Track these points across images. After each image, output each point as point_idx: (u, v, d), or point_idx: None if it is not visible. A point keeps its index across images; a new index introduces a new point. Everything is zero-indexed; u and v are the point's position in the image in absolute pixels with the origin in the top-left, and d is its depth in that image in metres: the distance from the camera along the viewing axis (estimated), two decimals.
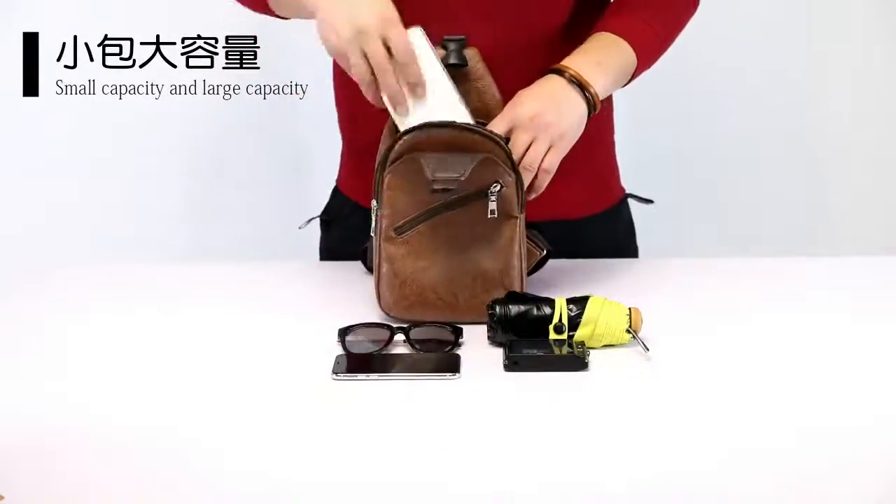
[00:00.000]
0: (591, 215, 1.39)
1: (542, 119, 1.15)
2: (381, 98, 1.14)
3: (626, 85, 1.28)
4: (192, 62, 2.10)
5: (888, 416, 0.94)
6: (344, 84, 1.39)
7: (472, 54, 1.17)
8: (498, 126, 1.15)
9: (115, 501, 0.82)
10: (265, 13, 1.29)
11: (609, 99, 1.41)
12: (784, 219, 2.22)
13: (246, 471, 0.86)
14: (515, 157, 1.14)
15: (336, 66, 1.41)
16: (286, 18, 1.28)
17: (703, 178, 2.18)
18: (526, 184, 1.15)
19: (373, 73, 1.12)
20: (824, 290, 1.28)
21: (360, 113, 1.35)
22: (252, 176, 2.20)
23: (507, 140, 1.15)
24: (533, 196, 1.17)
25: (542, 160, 1.16)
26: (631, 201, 1.45)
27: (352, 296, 1.24)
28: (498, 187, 1.12)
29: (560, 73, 1.19)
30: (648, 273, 1.33)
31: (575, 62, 1.20)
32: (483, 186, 1.12)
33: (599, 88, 1.20)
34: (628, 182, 1.47)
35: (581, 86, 1.19)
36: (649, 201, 1.42)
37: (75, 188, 2.15)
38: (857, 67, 2.14)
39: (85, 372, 1.06)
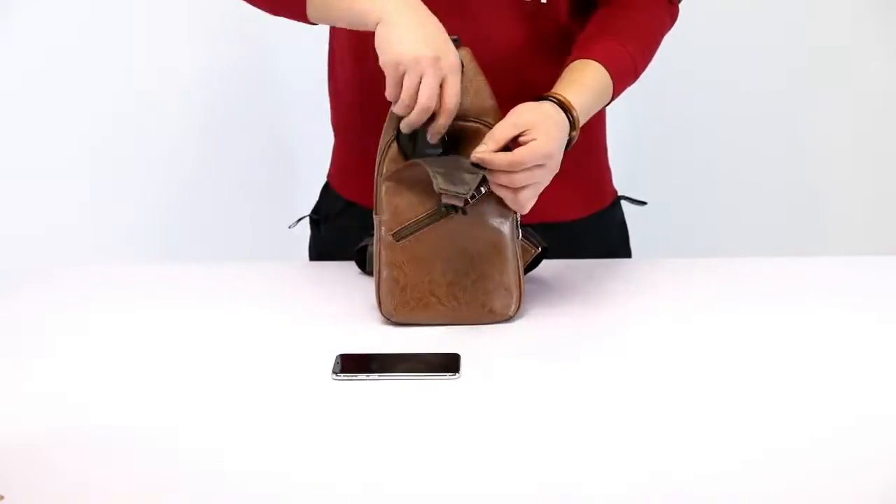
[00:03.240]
0: (583, 217, 1.40)
1: (551, 152, 1.13)
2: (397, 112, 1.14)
3: (603, 108, 1.27)
4: (190, 62, 2.12)
5: (888, 417, 0.95)
6: (340, 77, 1.39)
7: (463, 54, 1.17)
8: (504, 131, 1.12)
9: (115, 501, 0.83)
10: (299, 20, 1.24)
11: None
12: (779, 219, 2.23)
13: (246, 471, 0.87)
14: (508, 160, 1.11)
15: (332, 57, 1.41)
16: (314, 24, 1.24)
17: (698, 179, 2.19)
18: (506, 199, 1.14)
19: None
20: (822, 290, 1.28)
21: (356, 103, 1.36)
22: (240, 175, 2.20)
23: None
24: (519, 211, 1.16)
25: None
26: (624, 203, 1.46)
27: (349, 296, 1.25)
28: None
29: (548, 98, 1.18)
30: (642, 274, 1.34)
31: (560, 89, 1.19)
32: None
33: (582, 115, 1.19)
34: (621, 184, 1.47)
35: (567, 110, 1.17)
36: (642, 203, 1.42)
37: (73, 188, 2.15)
38: (854, 66, 2.14)
39: (85, 372, 1.07)
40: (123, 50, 2.10)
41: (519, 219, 1.17)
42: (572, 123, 1.17)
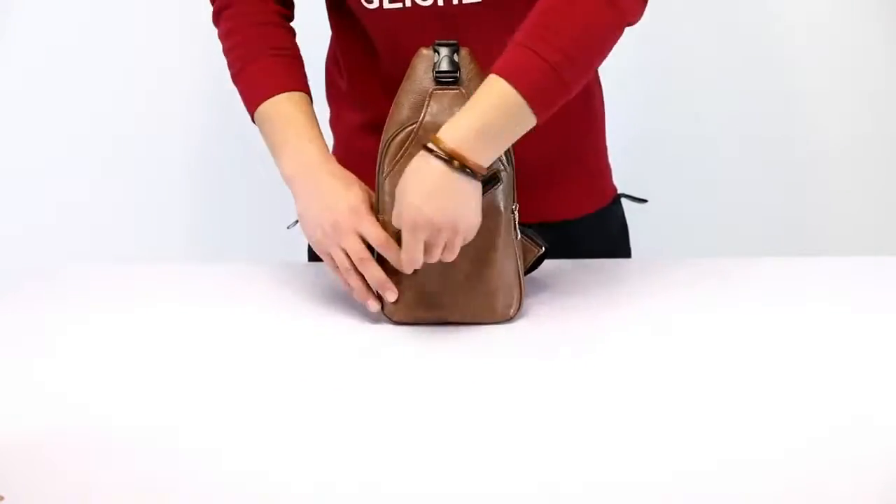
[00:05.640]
0: (583, 216, 1.39)
1: (440, 222, 1.08)
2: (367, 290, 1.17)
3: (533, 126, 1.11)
4: (190, 62, 2.11)
5: (887, 417, 0.95)
6: (338, 79, 1.39)
7: (463, 55, 1.17)
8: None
9: (115, 501, 0.83)
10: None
11: (601, 99, 1.41)
12: (780, 218, 2.22)
13: (245, 471, 0.87)
14: (409, 258, 1.10)
15: (330, 60, 1.40)
16: None
17: (698, 177, 2.18)
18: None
19: (354, 266, 1.15)
20: (822, 290, 1.27)
21: (356, 103, 1.35)
22: (239, 175, 2.20)
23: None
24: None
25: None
26: (624, 201, 1.46)
27: (348, 296, 1.24)
28: (499, 183, 1.13)
29: (444, 158, 1.06)
30: (642, 274, 1.33)
31: (457, 133, 1.07)
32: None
33: (482, 159, 1.08)
34: (621, 182, 1.47)
35: (466, 167, 1.07)
36: (642, 200, 1.42)
37: (75, 188, 2.15)
38: (857, 66, 2.14)
39: (85, 372, 1.07)
40: (123, 50, 2.10)
41: (518, 218, 1.17)
42: (474, 174, 1.07)
